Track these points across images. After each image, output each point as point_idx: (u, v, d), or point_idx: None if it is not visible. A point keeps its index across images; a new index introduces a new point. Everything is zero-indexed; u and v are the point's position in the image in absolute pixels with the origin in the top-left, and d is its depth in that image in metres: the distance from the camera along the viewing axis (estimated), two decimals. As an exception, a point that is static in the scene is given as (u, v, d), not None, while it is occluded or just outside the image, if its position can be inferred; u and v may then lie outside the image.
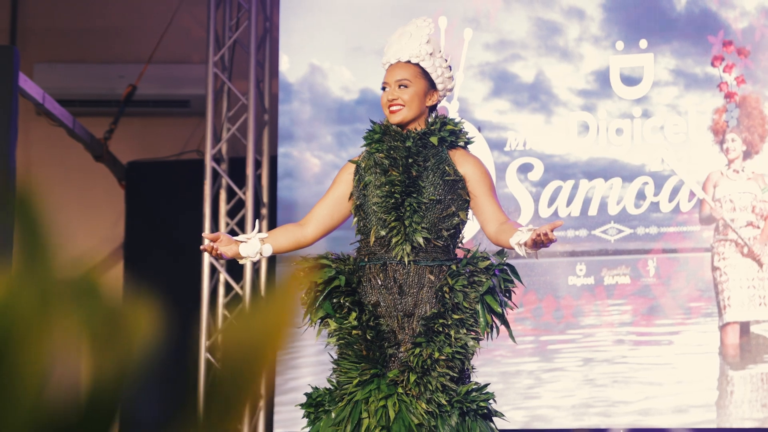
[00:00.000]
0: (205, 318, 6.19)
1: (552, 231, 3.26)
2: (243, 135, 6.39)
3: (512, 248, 3.37)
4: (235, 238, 3.53)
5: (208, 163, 6.28)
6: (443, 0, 5.90)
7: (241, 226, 6.33)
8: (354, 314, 3.42)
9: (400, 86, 3.54)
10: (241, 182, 6.33)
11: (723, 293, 5.46)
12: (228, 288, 6.29)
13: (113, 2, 7.25)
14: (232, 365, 0.82)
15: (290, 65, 6.07)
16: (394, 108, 3.53)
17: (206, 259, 6.20)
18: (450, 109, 5.85)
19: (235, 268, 6.24)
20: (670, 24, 5.68)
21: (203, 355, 6.16)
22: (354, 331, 3.41)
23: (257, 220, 3.77)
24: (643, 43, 5.68)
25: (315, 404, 3.46)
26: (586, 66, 5.74)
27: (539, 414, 5.61)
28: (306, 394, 3.50)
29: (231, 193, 6.40)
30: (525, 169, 5.74)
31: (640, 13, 5.72)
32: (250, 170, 6.26)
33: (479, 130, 5.81)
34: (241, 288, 6.22)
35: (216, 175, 6.34)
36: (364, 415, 3.38)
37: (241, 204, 6.36)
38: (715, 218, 5.53)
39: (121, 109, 6.81)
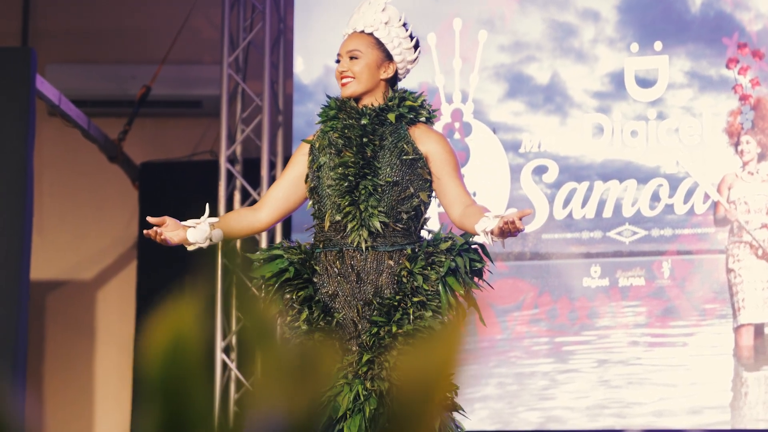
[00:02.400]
0: (220, 319, 6.20)
1: (520, 219, 3.06)
2: (257, 136, 6.40)
3: (477, 234, 3.17)
4: (184, 223, 3.35)
5: (223, 165, 6.30)
6: (458, 2, 5.91)
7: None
8: (305, 314, 3.22)
9: (351, 58, 3.37)
10: (256, 183, 6.34)
11: (737, 295, 5.47)
12: (242, 289, 6.29)
13: (124, 3, 7.26)
14: (407, 400, 0.83)
15: (304, 66, 6.08)
16: (344, 81, 3.36)
17: (221, 260, 6.21)
18: (465, 110, 5.86)
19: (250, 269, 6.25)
20: (685, 26, 5.68)
21: (219, 356, 6.17)
22: (305, 339, 3.20)
23: (206, 204, 3.44)
24: (658, 45, 5.69)
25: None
26: (600, 68, 5.75)
27: (554, 415, 5.62)
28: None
29: (245, 194, 6.41)
30: (540, 170, 5.75)
31: (654, 15, 5.72)
32: (264, 171, 6.28)
33: (494, 131, 5.82)
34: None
35: (230, 177, 6.36)
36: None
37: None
38: (729, 220, 5.54)
39: (135, 110, 6.83)
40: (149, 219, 3.31)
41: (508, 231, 3.06)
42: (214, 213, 6.45)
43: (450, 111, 5.86)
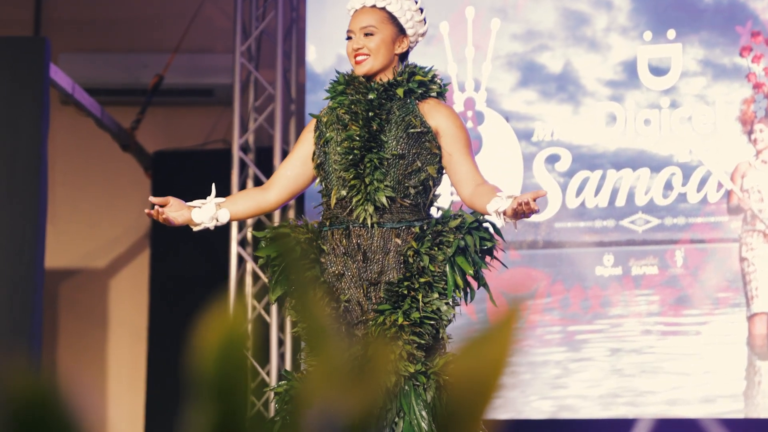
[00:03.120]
0: (233, 309, 6.21)
1: (534, 200, 3.00)
2: (270, 125, 6.41)
3: (489, 215, 3.09)
4: (189, 203, 3.25)
5: (236, 153, 6.30)
6: (470, -10, 5.90)
7: (269, 215, 6.35)
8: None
9: (365, 34, 3.27)
10: (268, 172, 6.35)
11: (751, 284, 5.47)
12: (256, 277, 6.31)
13: (137, -8, 7.26)
14: (460, 397, 0.83)
15: (317, 55, 6.09)
16: (359, 58, 3.26)
17: (234, 248, 6.23)
18: (477, 99, 5.86)
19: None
20: (698, 14, 5.67)
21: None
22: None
23: (213, 185, 3.33)
24: (671, 34, 5.68)
25: (290, 401, 3.15)
26: (613, 56, 5.74)
27: (567, 404, 5.63)
28: (279, 384, 3.23)
29: (258, 183, 6.42)
30: (552, 159, 5.75)
31: (668, 3, 5.71)
32: (277, 160, 6.29)
33: (507, 120, 5.81)
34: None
35: (243, 165, 6.37)
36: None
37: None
38: (743, 209, 5.53)
39: (148, 98, 6.84)
40: (152, 199, 3.20)
41: (521, 212, 3.00)
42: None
43: (463, 100, 5.86)
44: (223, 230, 3.10)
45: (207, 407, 0.75)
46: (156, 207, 3.20)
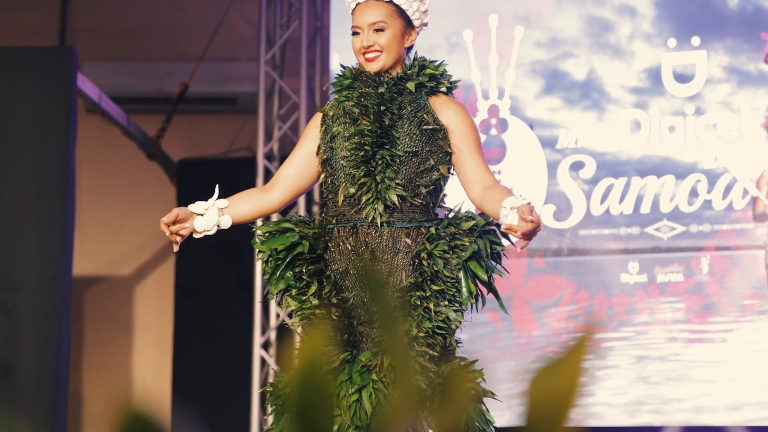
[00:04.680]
0: (258, 314, 6.24)
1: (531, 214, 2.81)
2: (294, 133, 6.43)
3: (499, 219, 2.95)
4: (192, 208, 3.10)
5: (260, 161, 6.33)
6: (494, -2, 5.91)
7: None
8: (313, 287, 2.99)
9: (376, 30, 3.12)
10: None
11: (776, 291, 5.45)
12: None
13: (161, 1, 7.30)
14: (538, 422, 0.84)
15: (341, 63, 6.11)
16: (370, 55, 3.11)
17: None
18: (501, 107, 5.86)
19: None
20: (722, 21, 5.67)
21: (257, 352, 6.21)
22: (317, 311, 2.98)
23: (216, 187, 3.17)
24: (696, 41, 5.67)
25: (282, 396, 3.01)
26: (638, 63, 5.74)
27: (592, 411, 5.62)
28: (272, 383, 3.09)
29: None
30: (577, 166, 5.75)
31: (692, 10, 5.71)
32: (301, 168, 6.31)
33: (531, 127, 5.82)
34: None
35: (268, 173, 6.39)
36: (337, 412, 2.93)
37: (292, 202, 6.40)
38: (768, 216, 5.52)
39: (174, 107, 6.87)
40: (163, 221, 3.03)
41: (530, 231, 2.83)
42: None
43: (486, 107, 5.87)
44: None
45: (293, 427, 0.76)
46: (170, 229, 3.05)
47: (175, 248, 3.11)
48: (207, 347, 6.78)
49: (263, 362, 6.22)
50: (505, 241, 3.06)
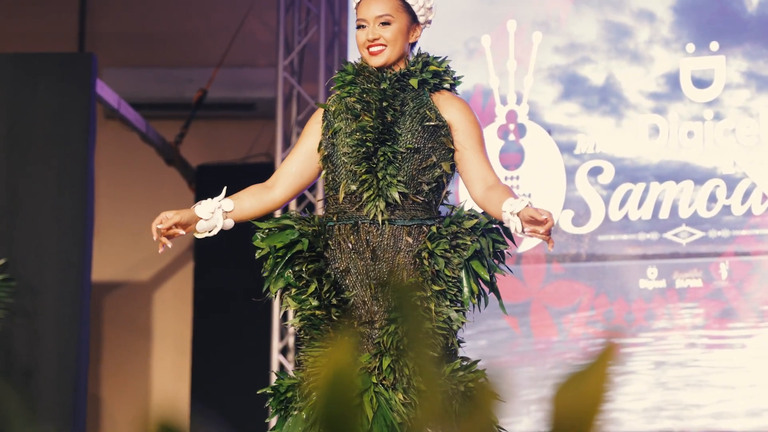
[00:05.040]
0: (277, 320, 6.25)
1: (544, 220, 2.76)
2: (312, 138, 6.44)
3: (501, 219, 2.91)
4: (198, 212, 3.08)
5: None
6: (512, 4, 5.91)
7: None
8: (313, 286, 2.94)
9: (382, 23, 3.07)
10: (311, 186, 6.38)
11: (796, 296, 5.44)
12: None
13: (179, 7, 7.33)
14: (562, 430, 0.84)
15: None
16: (375, 49, 3.06)
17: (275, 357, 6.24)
18: (519, 112, 5.86)
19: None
20: (741, 26, 5.66)
21: (275, 357, 6.22)
22: (317, 312, 2.94)
23: (224, 189, 3.15)
24: (714, 46, 5.67)
25: (284, 399, 2.99)
26: (656, 69, 5.74)
27: (611, 417, 5.61)
28: (273, 387, 3.04)
29: (301, 197, 6.46)
30: (595, 172, 5.74)
31: (711, 15, 5.70)
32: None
33: (549, 132, 5.82)
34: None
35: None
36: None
37: (311, 207, 6.42)
38: (787, 221, 5.50)
39: (192, 113, 6.90)
40: (157, 228, 3.02)
41: (535, 227, 2.79)
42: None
43: (505, 112, 5.87)
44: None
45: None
46: (163, 233, 3.02)
47: (161, 249, 3.08)
48: (225, 352, 6.80)
49: (282, 368, 6.23)
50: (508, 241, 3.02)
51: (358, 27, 3.10)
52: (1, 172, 5.47)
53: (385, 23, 3.07)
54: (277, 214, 3.21)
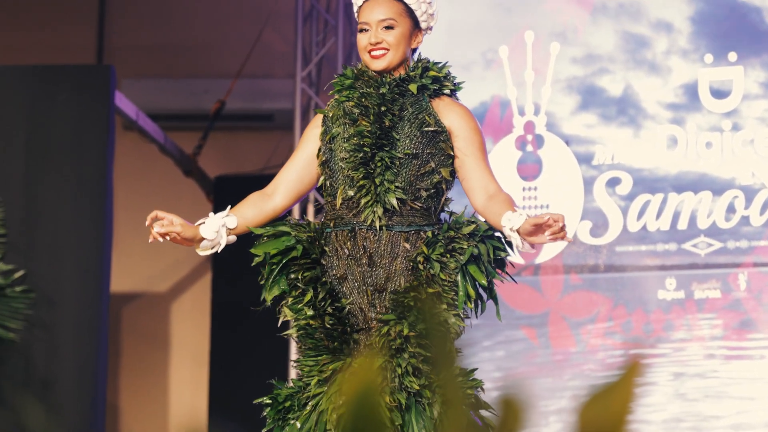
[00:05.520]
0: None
1: (557, 224, 2.74)
2: (330, 149, 6.46)
3: (502, 230, 2.88)
4: (202, 230, 3.08)
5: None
6: (530, 15, 5.92)
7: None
8: (309, 295, 2.92)
9: (386, 27, 3.03)
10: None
11: (815, 307, 5.42)
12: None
13: (197, 18, 7.36)
14: None
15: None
16: (377, 53, 3.03)
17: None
18: (537, 123, 5.86)
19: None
20: (759, 37, 5.64)
21: (294, 369, 6.21)
22: (312, 321, 2.91)
23: (228, 207, 3.18)
24: (733, 56, 5.66)
25: (282, 409, 2.98)
26: (674, 79, 5.73)
27: (633, 429, 5.59)
28: (271, 396, 3.05)
29: (318, 208, 6.46)
30: (613, 182, 5.74)
31: (729, 26, 5.69)
32: (337, 184, 6.33)
33: (567, 143, 5.81)
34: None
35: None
36: (329, 426, 2.85)
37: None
38: (807, 232, 5.48)
39: (210, 124, 6.92)
40: (156, 231, 3.01)
41: (544, 232, 2.77)
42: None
43: (522, 123, 5.87)
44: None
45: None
46: (157, 231, 3.01)
47: (151, 239, 3.08)
48: (244, 364, 6.80)
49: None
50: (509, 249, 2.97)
51: (360, 30, 3.07)
52: (20, 184, 5.49)
53: (389, 27, 3.04)
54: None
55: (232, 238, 3.11)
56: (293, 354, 6.24)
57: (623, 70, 5.80)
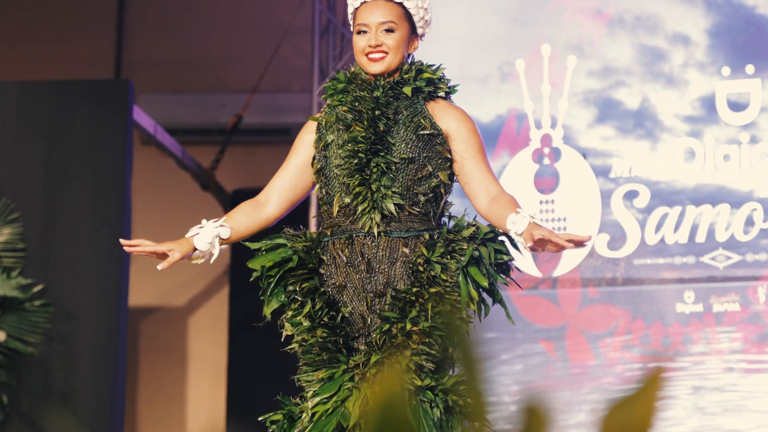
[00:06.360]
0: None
1: (571, 242, 2.66)
2: (347, 163, 6.46)
3: (507, 231, 2.82)
4: (196, 241, 3.05)
5: (313, 192, 6.36)
6: (546, 28, 5.92)
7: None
8: (308, 307, 2.88)
9: (386, 30, 2.96)
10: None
11: (835, 320, 5.39)
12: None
13: (214, 33, 7.38)
14: None
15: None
16: (375, 56, 2.95)
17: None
18: (554, 136, 5.86)
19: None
20: (777, 49, 5.63)
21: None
22: (306, 336, 2.89)
23: (224, 216, 3.13)
24: (750, 69, 5.64)
25: (288, 426, 2.97)
26: (691, 92, 5.72)
27: (648, 442, 5.57)
28: (279, 412, 3.05)
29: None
30: (631, 195, 5.73)
31: (746, 38, 5.68)
32: (354, 198, 6.33)
33: (584, 156, 5.81)
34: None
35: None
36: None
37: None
38: (826, 244, 5.46)
39: (228, 138, 6.93)
40: (142, 248, 2.97)
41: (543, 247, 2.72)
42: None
43: (539, 136, 5.86)
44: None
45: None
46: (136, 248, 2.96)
47: (128, 249, 3.03)
48: (261, 379, 6.80)
49: (317, 392, 6.23)
50: (514, 250, 2.90)
51: (358, 32, 2.99)
52: (38, 198, 5.52)
53: (389, 30, 2.98)
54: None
55: (224, 247, 3.08)
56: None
57: (640, 83, 5.79)
